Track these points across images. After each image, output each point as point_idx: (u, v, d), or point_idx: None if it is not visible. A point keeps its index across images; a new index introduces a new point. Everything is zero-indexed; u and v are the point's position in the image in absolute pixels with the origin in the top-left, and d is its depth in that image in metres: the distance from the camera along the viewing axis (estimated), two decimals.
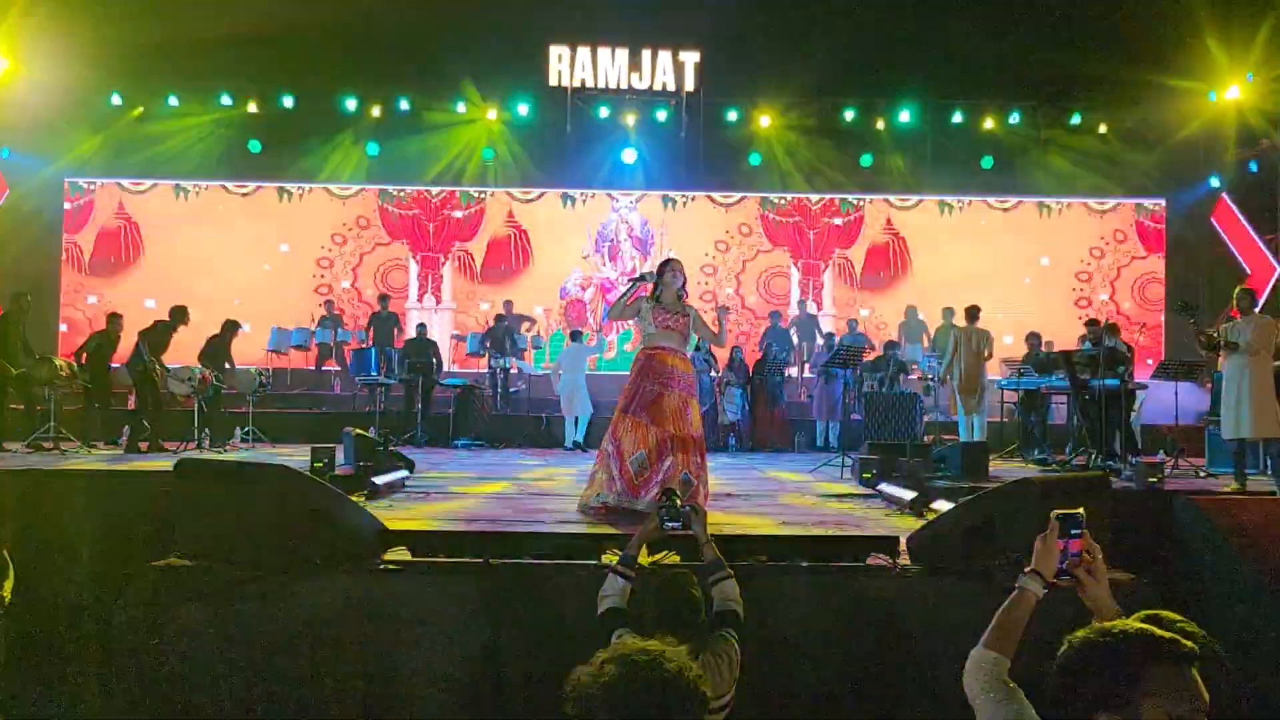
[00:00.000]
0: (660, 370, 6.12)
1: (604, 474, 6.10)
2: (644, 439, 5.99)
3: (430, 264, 17.42)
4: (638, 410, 6.05)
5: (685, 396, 6.13)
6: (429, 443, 12.83)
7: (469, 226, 17.49)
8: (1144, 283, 17.59)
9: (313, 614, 4.35)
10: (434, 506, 6.67)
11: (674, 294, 6.33)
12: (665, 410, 6.04)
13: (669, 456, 5.98)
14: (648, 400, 6.05)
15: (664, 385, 6.09)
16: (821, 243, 17.58)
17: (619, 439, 6.05)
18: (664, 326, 6.22)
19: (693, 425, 6.12)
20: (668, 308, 6.28)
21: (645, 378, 6.13)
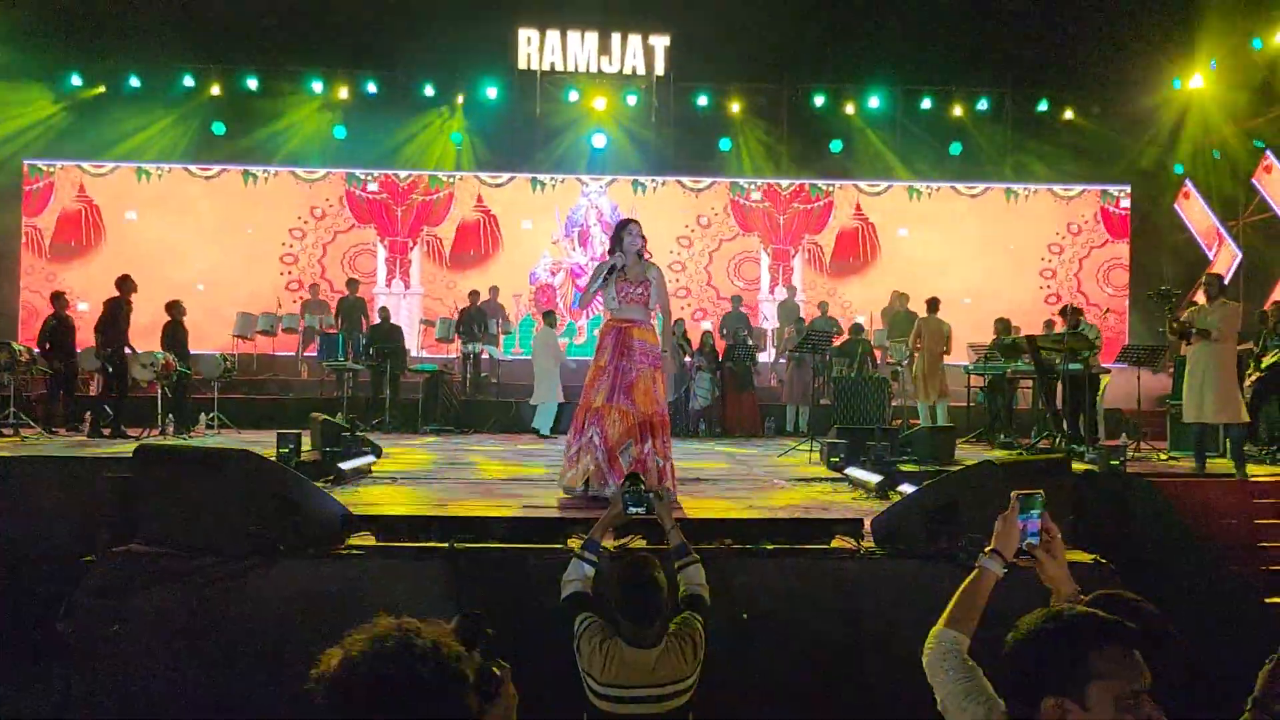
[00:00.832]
0: (630, 346, 6.07)
1: (593, 465, 5.99)
2: (629, 428, 5.96)
3: (399, 249, 17.30)
4: (620, 397, 5.99)
5: (653, 372, 6.06)
6: (397, 429, 12.76)
7: (438, 211, 17.36)
8: (1108, 268, 17.79)
9: (277, 600, 4.32)
10: (400, 492, 6.64)
11: (635, 256, 6.19)
12: (640, 391, 6.02)
13: (646, 441, 5.97)
14: (627, 384, 6.01)
15: (636, 363, 6.04)
16: (791, 228, 17.62)
17: (605, 429, 5.94)
18: (627, 300, 6.10)
19: (660, 403, 6.10)
20: (630, 277, 6.14)
21: (620, 356, 6.04)
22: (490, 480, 7.45)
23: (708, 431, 13.42)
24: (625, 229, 6.25)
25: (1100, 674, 1.82)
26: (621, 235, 6.22)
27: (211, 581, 4.40)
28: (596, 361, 6.14)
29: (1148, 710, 1.82)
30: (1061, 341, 10.11)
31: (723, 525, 5.13)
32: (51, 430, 10.66)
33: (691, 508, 5.95)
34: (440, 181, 17.36)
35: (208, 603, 4.36)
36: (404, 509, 5.68)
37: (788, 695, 4.47)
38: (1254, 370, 9.47)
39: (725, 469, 8.75)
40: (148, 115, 16.61)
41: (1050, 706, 1.84)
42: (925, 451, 8.62)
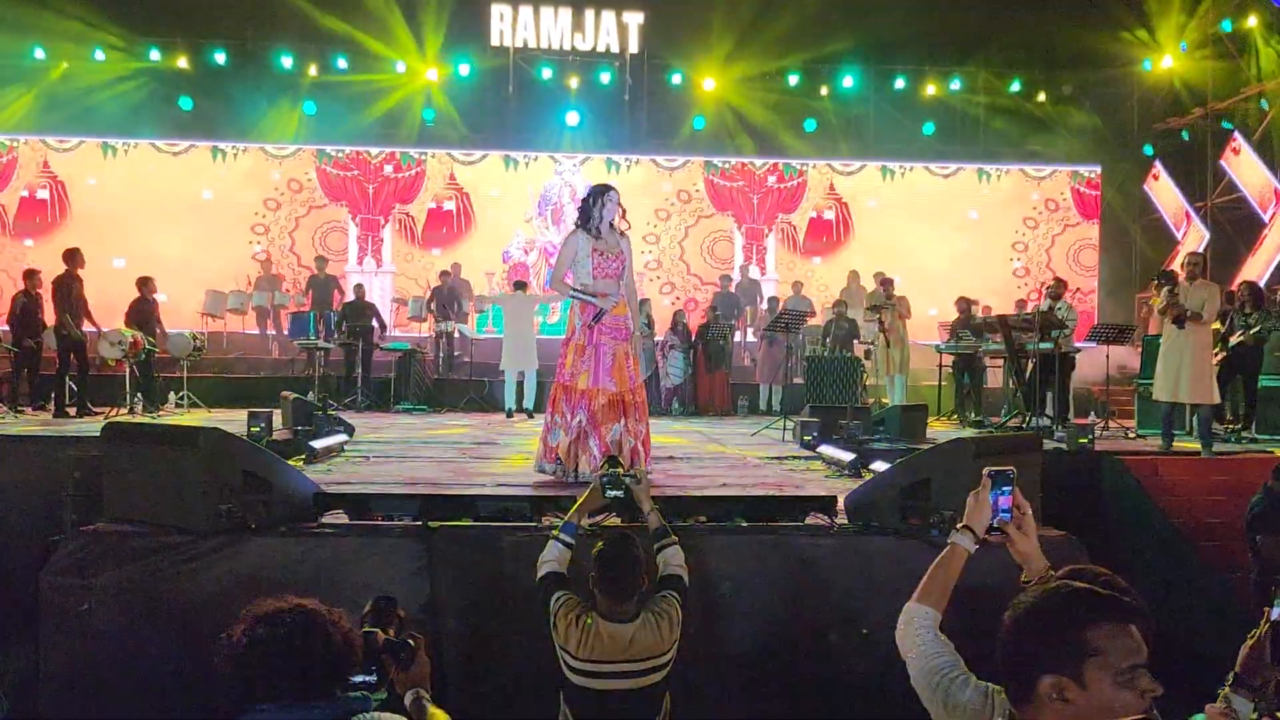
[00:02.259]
0: (603, 324, 6.03)
1: (580, 449, 5.92)
2: (613, 409, 5.92)
3: (370, 226, 17.14)
4: (606, 379, 5.94)
5: (625, 347, 6.03)
6: (369, 407, 12.69)
7: (409, 189, 17.21)
8: (1079, 248, 17.94)
9: (248, 578, 4.28)
10: (373, 470, 6.60)
11: (609, 227, 6.09)
12: (617, 369, 6.00)
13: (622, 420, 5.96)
14: (607, 364, 5.99)
15: (610, 340, 6.01)
16: (765, 207, 17.62)
17: (594, 412, 5.87)
18: (604, 274, 6.00)
19: (634, 380, 6.07)
20: (605, 251, 6.04)
21: (599, 334, 5.97)
22: (464, 459, 7.42)
23: (681, 410, 13.43)
24: (605, 195, 6.09)
25: (1096, 650, 1.80)
26: (602, 202, 6.06)
27: (181, 560, 4.36)
28: (574, 340, 6.03)
29: (1144, 684, 1.80)
30: (1032, 321, 10.18)
31: (697, 502, 5.14)
32: (18, 410, 10.50)
33: (665, 485, 5.95)
34: (412, 159, 17.20)
35: (177, 581, 4.32)
36: (377, 487, 5.65)
37: (761, 671, 4.49)
38: (1220, 350, 9.58)
39: (699, 447, 8.76)
40: (113, 90, 16.30)
41: (1047, 685, 1.82)
42: (897, 430, 8.68)
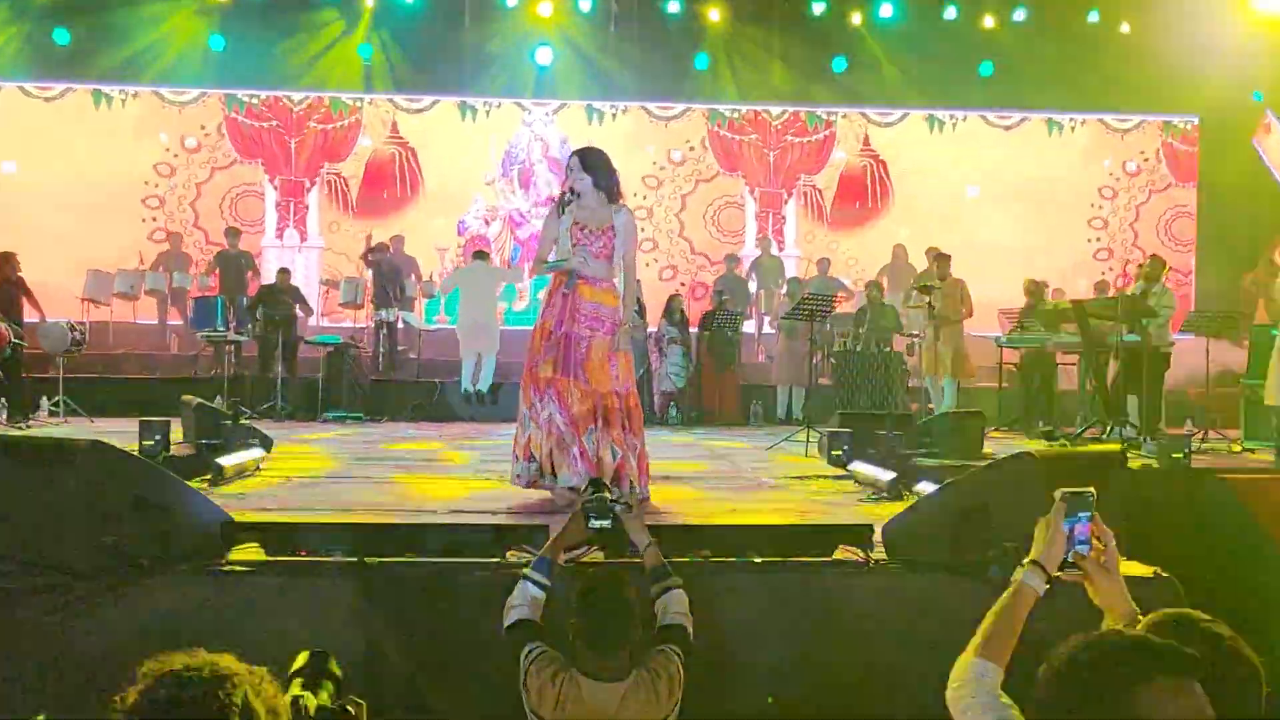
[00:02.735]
0: (578, 308, 6.04)
1: (551, 449, 5.94)
2: (591, 409, 5.93)
3: (292, 190, 17.11)
4: (577, 371, 5.97)
5: (607, 341, 6.04)
6: (291, 415, 12.71)
7: (342, 143, 17.20)
8: (1172, 217, 18.01)
9: (139, 629, 4.26)
10: (297, 494, 6.60)
11: (596, 198, 6.12)
12: (595, 366, 5.99)
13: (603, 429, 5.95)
14: (580, 356, 5.99)
15: (585, 329, 6.01)
16: (784, 166, 17.65)
17: (567, 404, 5.91)
18: (586, 254, 6.05)
19: (621, 382, 6.07)
20: (589, 224, 6.07)
21: (571, 319, 5.99)
22: (410, 479, 7.43)
23: (680, 419, 13.45)
24: (590, 159, 6.18)
25: (1148, 710, 1.80)
26: (583, 163, 6.14)
27: (57, 607, 4.33)
28: (542, 323, 6.09)
29: None
30: (1116, 308, 10.21)
31: (699, 534, 5.13)
32: None
33: (661, 512, 5.96)
34: (344, 106, 17.18)
35: (49, 633, 4.30)
36: (301, 515, 5.64)
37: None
38: None
39: (702, 465, 8.80)
40: None
41: None
42: (948, 443, 8.72)
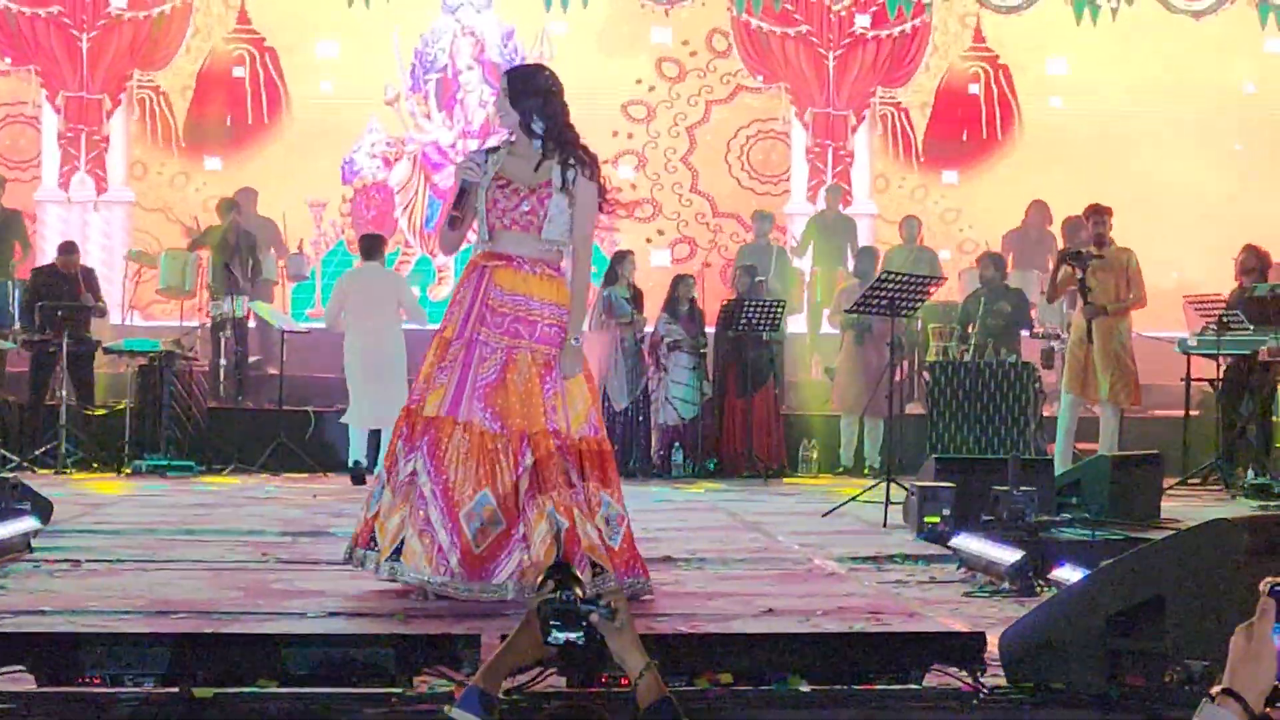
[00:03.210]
0: (503, 305, 6.02)
1: (413, 529, 5.95)
2: (489, 467, 5.91)
3: (84, 114, 17.06)
4: (473, 403, 5.95)
5: (541, 358, 6.03)
6: (83, 463, 12.71)
7: (160, 41, 17.14)
8: None
9: None
10: (88, 586, 6.58)
11: (527, 145, 6.18)
12: (513, 393, 5.98)
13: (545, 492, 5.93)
14: (489, 380, 5.97)
15: (510, 336, 6.00)
16: (850, 76, 17.63)
17: (443, 465, 5.96)
18: (507, 220, 6.09)
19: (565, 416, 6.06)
20: (513, 177, 6.13)
21: (481, 323, 6.01)
22: (266, 563, 7.43)
23: (688, 468, 13.43)
24: (521, 80, 6.24)
25: None
26: (515, 92, 6.18)
27: None
28: (441, 330, 6.15)
29: None
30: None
31: (718, 647, 5.13)
32: None
33: (660, 614, 5.95)
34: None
35: None
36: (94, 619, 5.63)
37: None
38: None
39: (723, 538, 8.76)
40: None
41: None
42: (1104, 503, 8.69)
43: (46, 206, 16.76)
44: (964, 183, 17.75)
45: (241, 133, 17.29)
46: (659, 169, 17.70)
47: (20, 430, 12.84)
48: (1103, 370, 11.71)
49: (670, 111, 17.71)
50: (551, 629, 4.00)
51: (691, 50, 17.74)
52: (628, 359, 13.45)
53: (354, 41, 17.38)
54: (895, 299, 11.00)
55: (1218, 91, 17.69)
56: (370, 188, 17.31)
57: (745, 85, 17.74)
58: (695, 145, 17.74)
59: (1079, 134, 17.43)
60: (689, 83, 17.72)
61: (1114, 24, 17.78)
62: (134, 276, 15.99)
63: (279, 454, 13.20)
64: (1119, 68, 17.70)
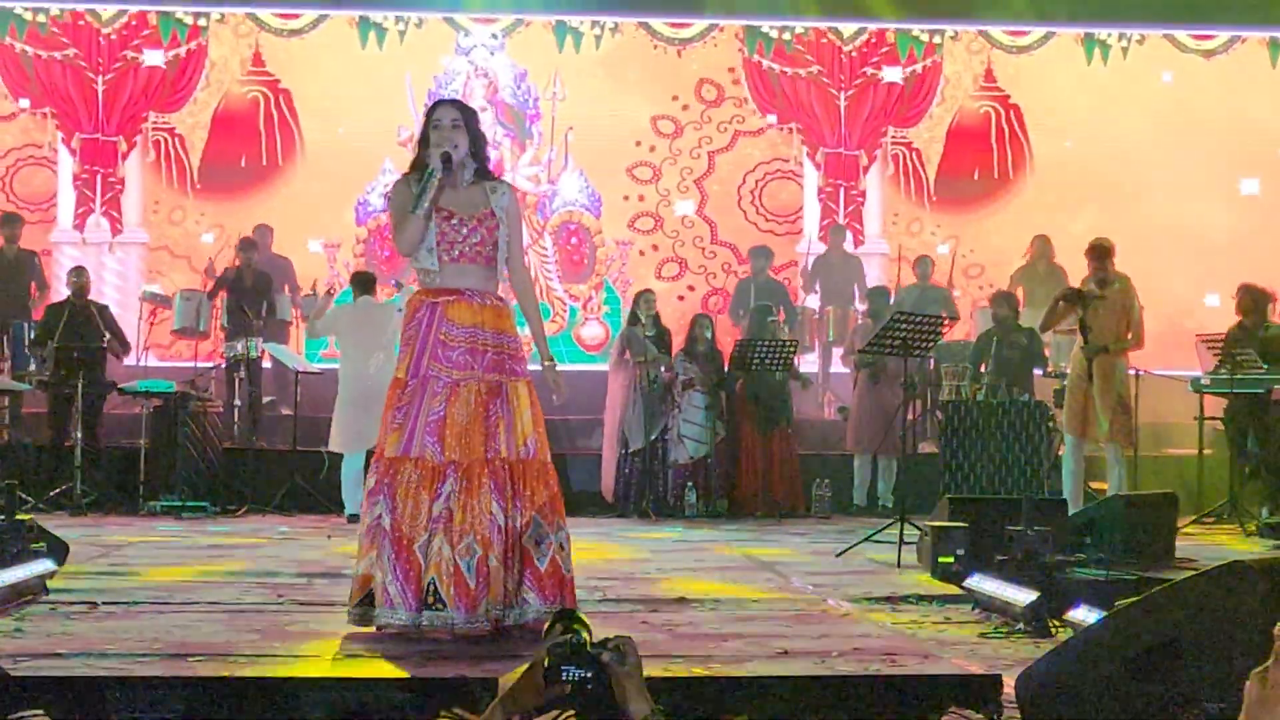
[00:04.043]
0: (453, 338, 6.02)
1: (382, 572, 5.96)
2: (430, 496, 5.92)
3: (100, 155, 17.14)
4: (425, 438, 5.97)
5: (494, 386, 6.05)
6: (97, 505, 12.73)
7: (176, 84, 17.26)
8: None
9: None
10: (106, 629, 6.58)
11: (469, 172, 6.18)
12: (460, 424, 5.99)
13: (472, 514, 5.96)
14: (438, 413, 5.98)
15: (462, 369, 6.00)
16: (862, 115, 17.69)
17: (395, 501, 5.95)
18: (457, 252, 6.09)
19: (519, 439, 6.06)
20: (458, 209, 6.12)
21: (439, 358, 6.03)
22: (281, 605, 7.43)
23: (701, 507, 13.42)
24: (449, 111, 6.19)
25: None
26: (437, 118, 6.16)
27: None
28: (395, 373, 6.19)
29: None
30: None
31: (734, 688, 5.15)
32: None
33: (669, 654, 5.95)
34: (180, 25, 17.24)
35: None
36: (113, 661, 5.63)
37: None
38: None
39: (736, 580, 8.74)
40: None
41: None
42: (1119, 543, 8.68)
43: (62, 248, 16.84)
44: (976, 221, 17.75)
45: (256, 174, 17.36)
46: (671, 190, 17.75)
47: (37, 471, 12.86)
48: (1103, 410, 11.67)
49: (687, 138, 17.78)
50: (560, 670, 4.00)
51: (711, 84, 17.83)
52: (645, 399, 13.45)
53: (368, 83, 17.45)
54: (909, 339, 11.02)
55: (1229, 130, 17.70)
56: (384, 228, 17.32)
57: (760, 124, 17.80)
58: (711, 171, 17.79)
59: (1090, 172, 17.46)
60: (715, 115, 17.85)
61: (1125, 63, 17.86)
62: (149, 317, 15.99)
63: (293, 495, 13.24)
64: (1130, 106, 17.72)
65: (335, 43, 17.48)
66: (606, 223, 17.43)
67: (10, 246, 15.09)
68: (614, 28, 17.64)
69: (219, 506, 12.99)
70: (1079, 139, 17.75)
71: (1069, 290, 12.01)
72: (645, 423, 13.42)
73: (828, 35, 17.72)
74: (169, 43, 17.22)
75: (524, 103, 17.56)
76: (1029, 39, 17.89)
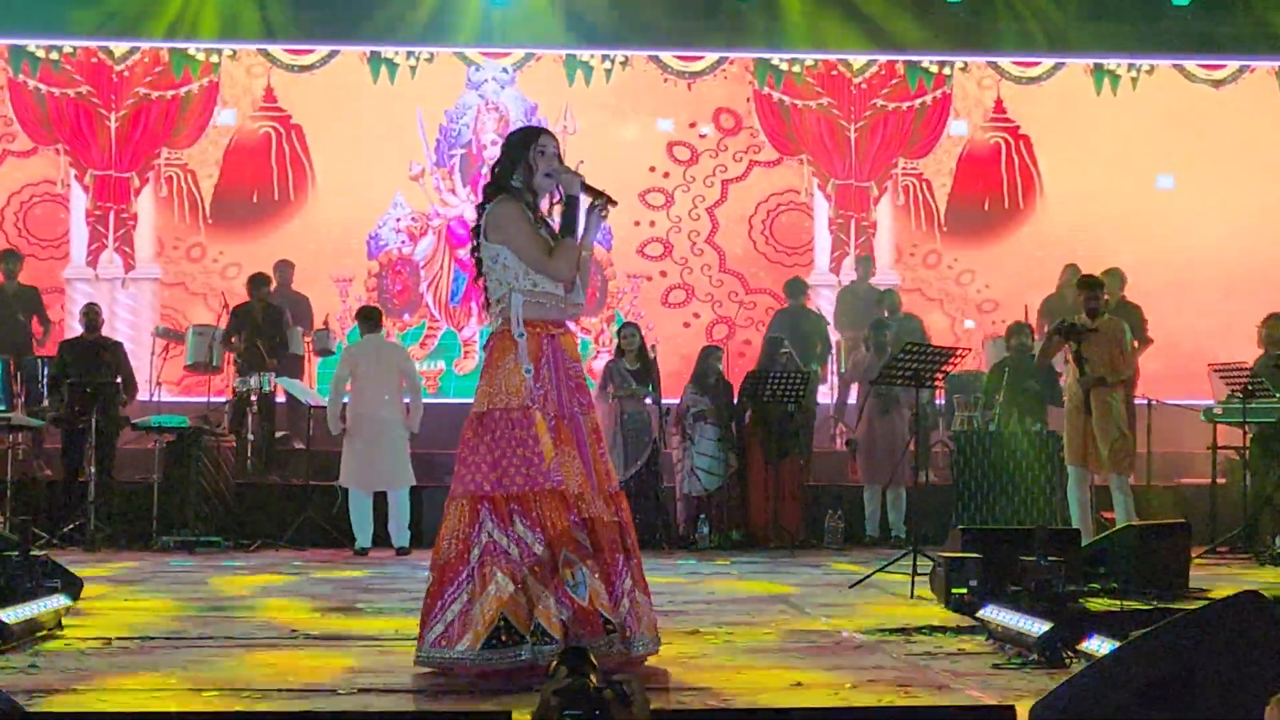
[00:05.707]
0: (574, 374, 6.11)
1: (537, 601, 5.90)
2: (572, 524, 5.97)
3: (113, 192, 17.22)
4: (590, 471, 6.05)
5: (596, 418, 6.21)
6: (109, 541, 12.76)
7: (190, 119, 17.35)
8: None
9: None
10: (120, 665, 6.59)
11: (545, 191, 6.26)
12: (600, 456, 6.11)
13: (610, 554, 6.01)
14: (592, 452, 6.07)
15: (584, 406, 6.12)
16: (872, 148, 17.74)
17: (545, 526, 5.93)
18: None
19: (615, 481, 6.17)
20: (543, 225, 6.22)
21: (565, 389, 6.08)
22: (297, 639, 7.43)
23: (713, 539, 13.43)
24: (547, 140, 6.27)
25: None
26: (533, 145, 6.24)
27: None
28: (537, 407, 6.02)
29: None
30: None
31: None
32: None
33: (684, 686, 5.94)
34: (193, 62, 17.34)
35: None
36: (132, 697, 5.65)
37: None
38: None
39: (749, 610, 8.75)
40: None
41: None
42: (1131, 573, 8.67)
43: (75, 284, 16.90)
44: (987, 252, 17.76)
45: (268, 209, 17.41)
46: (684, 223, 17.77)
47: (50, 507, 12.88)
48: (1101, 440, 11.69)
49: (699, 172, 17.79)
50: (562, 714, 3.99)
51: (724, 116, 17.86)
52: (626, 432, 13.44)
53: (379, 118, 17.52)
54: (919, 371, 11.02)
55: (1239, 159, 17.70)
56: (395, 262, 17.39)
57: (771, 155, 17.84)
58: (724, 202, 17.80)
59: (1101, 203, 17.46)
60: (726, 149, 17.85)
61: (1134, 93, 17.88)
62: (161, 353, 16.03)
63: (306, 529, 13.26)
64: (1139, 136, 17.74)
65: (347, 78, 17.55)
66: (617, 256, 17.43)
67: (11, 282, 15.15)
68: (624, 61, 17.71)
69: (232, 541, 13.01)
70: (1089, 169, 17.73)
71: (1062, 323, 12.04)
72: (625, 456, 13.37)
73: (837, 68, 17.81)
74: (181, 79, 17.32)
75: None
76: (1038, 70, 17.94)
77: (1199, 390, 14.39)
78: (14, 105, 17.24)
